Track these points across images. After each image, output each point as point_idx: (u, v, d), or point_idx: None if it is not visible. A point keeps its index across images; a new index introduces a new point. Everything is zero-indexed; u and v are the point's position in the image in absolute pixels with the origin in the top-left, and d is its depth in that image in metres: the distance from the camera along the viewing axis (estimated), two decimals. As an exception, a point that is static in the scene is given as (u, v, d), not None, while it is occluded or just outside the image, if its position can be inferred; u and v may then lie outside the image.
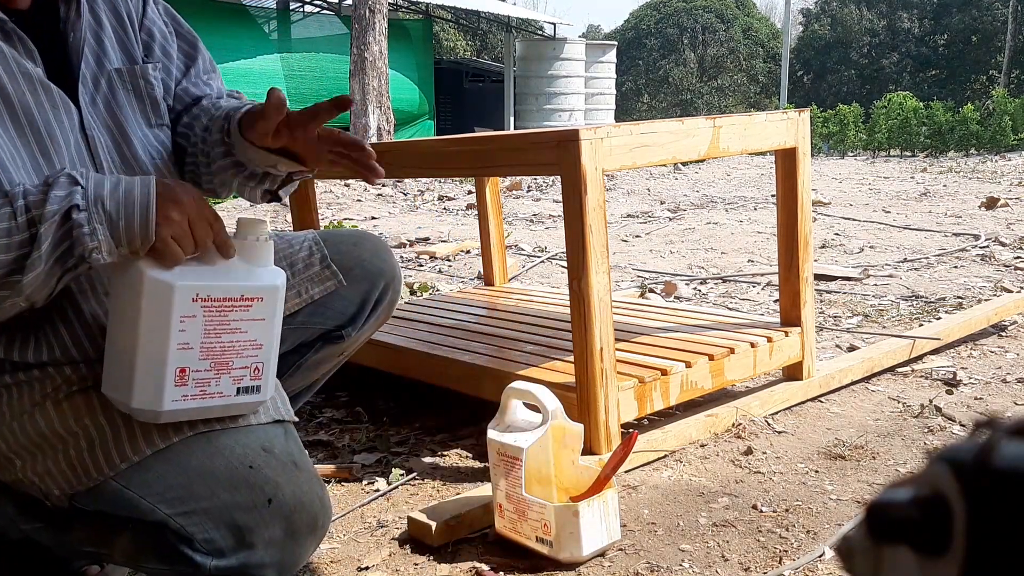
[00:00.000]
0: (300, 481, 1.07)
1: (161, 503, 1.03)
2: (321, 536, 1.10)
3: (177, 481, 1.03)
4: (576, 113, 13.83)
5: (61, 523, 1.11)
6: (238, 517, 1.03)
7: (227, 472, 1.03)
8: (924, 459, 1.66)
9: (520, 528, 1.34)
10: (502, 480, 1.34)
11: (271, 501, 1.04)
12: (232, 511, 1.03)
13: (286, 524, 1.05)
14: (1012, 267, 3.53)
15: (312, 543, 1.09)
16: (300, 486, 1.06)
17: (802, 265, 1.95)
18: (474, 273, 3.84)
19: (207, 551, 1.03)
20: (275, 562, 1.06)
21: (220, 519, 1.03)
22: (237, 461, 1.04)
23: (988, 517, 0.27)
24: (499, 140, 1.83)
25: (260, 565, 1.05)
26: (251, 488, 1.03)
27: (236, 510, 1.03)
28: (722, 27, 24.65)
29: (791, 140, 1.88)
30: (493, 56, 20.30)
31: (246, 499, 1.03)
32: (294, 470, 1.07)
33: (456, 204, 6.49)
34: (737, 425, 1.83)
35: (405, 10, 14.76)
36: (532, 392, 1.39)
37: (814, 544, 1.35)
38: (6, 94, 1.01)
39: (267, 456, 1.06)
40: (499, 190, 2.73)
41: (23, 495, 1.11)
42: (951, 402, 1.96)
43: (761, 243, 4.34)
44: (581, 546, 1.30)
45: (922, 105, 12.27)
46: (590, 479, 1.38)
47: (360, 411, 2.07)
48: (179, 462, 1.04)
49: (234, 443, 1.05)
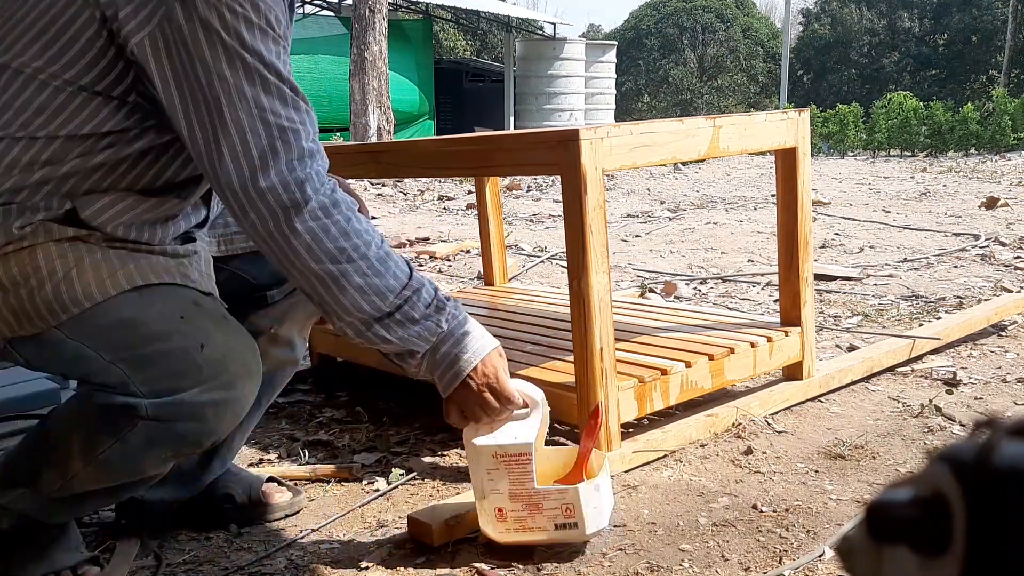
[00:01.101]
0: (230, 330, 1.17)
1: (102, 350, 1.10)
2: (256, 381, 1.18)
3: (115, 329, 1.10)
4: (576, 113, 13.83)
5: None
6: (173, 362, 1.11)
7: (161, 320, 1.12)
8: (924, 459, 1.66)
9: (532, 524, 1.34)
10: (503, 482, 1.34)
11: (203, 346, 1.12)
12: (168, 356, 1.11)
13: (220, 368, 1.12)
14: (1012, 267, 3.53)
15: (247, 387, 1.16)
16: (230, 334, 1.16)
17: (802, 265, 1.95)
18: (474, 273, 3.84)
19: (143, 393, 1.09)
20: (212, 402, 1.13)
21: (156, 363, 1.11)
22: (170, 311, 1.13)
23: (988, 517, 0.27)
24: (499, 140, 1.83)
25: (197, 405, 1.12)
26: (184, 335, 1.12)
27: (171, 355, 1.11)
28: (722, 27, 24.65)
29: (791, 140, 1.88)
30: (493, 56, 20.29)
31: (179, 344, 1.11)
32: (224, 322, 1.17)
33: (456, 204, 6.49)
34: (737, 425, 1.83)
35: (405, 10, 14.76)
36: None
37: (814, 544, 1.35)
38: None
39: (198, 308, 1.15)
40: (499, 190, 2.73)
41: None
42: (951, 402, 1.96)
43: (761, 243, 4.34)
44: (604, 517, 1.34)
45: (922, 105, 12.27)
46: (565, 460, 1.42)
47: (360, 411, 2.07)
48: (116, 313, 1.11)
49: (167, 296, 1.14)
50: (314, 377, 2.35)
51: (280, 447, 1.88)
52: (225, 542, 1.45)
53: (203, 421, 1.13)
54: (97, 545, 1.44)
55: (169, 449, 1.15)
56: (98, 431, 1.13)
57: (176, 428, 1.12)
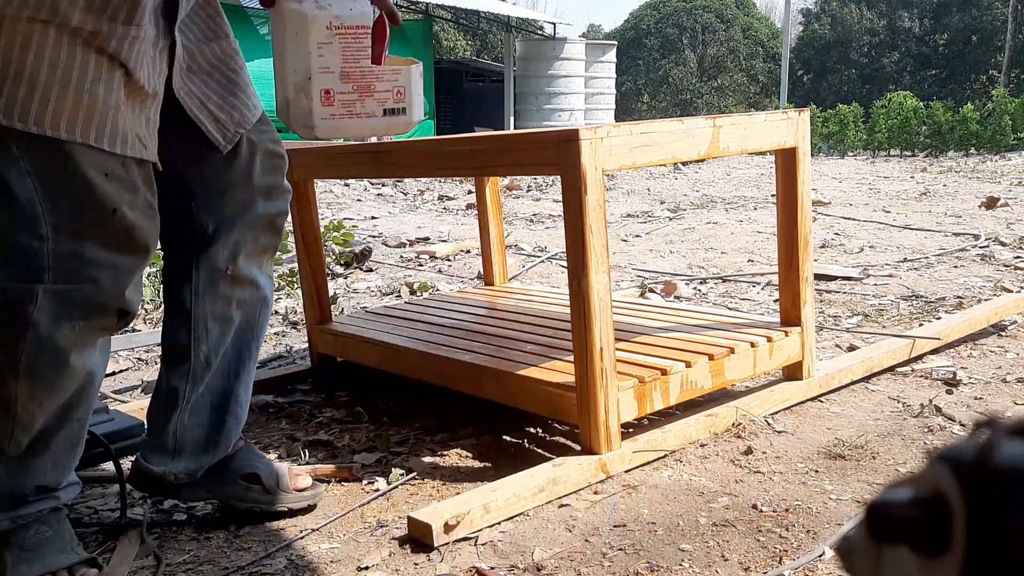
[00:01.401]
0: (139, 204, 1.22)
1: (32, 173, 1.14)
2: (148, 259, 1.25)
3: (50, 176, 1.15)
4: (576, 113, 13.83)
5: None
6: (87, 215, 1.17)
7: (84, 178, 1.17)
8: (924, 459, 1.66)
9: (361, 108, 1.25)
10: (335, 59, 1.22)
11: (115, 211, 1.19)
12: (83, 209, 1.17)
13: (125, 236, 1.20)
14: (1012, 267, 3.53)
15: (142, 263, 1.24)
16: (142, 209, 1.22)
17: (802, 265, 1.95)
18: (474, 273, 3.84)
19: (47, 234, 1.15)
20: (110, 263, 1.19)
21: (69, 212, 1.16)
22: (98, 168, 1.18)
23: (988, 517, 0.27)
24: (499, 140, 1.83)
25: (94, 263, 1.18)
26: (104, 193, 1.18)
27: (87, 206, 1.17)
28: (722, 27, 24.65)
29: (791, 140, 1.88)
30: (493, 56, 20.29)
31: (97, 197, 1.17)
32: (136, 192, 1.22)
33: (456, 204, 6.49)
34: (737, 425, 1.83)
35: (405, 10, 14.76)
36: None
37: (814, 544, 1.35)
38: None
39: (124, 170, 1.20)
40: (499, 190, 2.73)
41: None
42: (951, 402, 1.96)
43: (761, 243, 4.34)
44: (421, 107, 1.30)
45: (922, 105, 12.28)
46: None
47: (360, 411, 2.07)
48: (54, 158, 1.15)
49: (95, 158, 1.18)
50: (314, 377, 2.35)
51: (280, 447, 1.88)
52: (225, 542, 1.45)
53: (98, 284, 1.18)
54: (97, 545, 1.44)
55: (79, 317, 1.19)
56: (7, 330, 1.17)
57: (74, 293, 1.17)
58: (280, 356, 2.64)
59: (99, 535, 1.48)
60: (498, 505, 1.45)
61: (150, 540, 1.45)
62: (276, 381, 2.31)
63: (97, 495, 1.66)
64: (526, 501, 1.49)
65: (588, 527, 1.44)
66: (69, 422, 1.27)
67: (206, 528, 1.50)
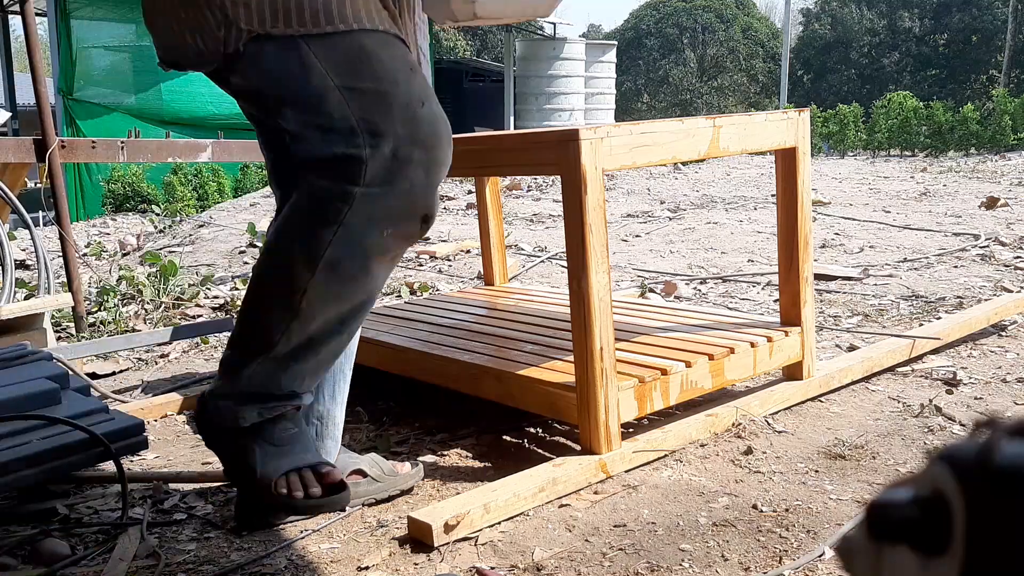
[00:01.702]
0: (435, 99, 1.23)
1: (334, 73, 1.14)
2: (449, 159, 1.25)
3: (354, 57, 1.15)
4: (576, 113, 13.82)
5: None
6: (396, 108, 1.16)
7: (393, 64, 1.17)
8: (924, 459, 1.66)
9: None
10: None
11: (423, 104, 1.18)
12: (392, 100, 1.16)
13: (432, 129, 1.19)
14: (1012, 267, 3.53)
15: (448, 155, 1.23)
16: (436, 103, 1.23)
17: (802, 265, 1.95)
18: (474, 273, 3.84)
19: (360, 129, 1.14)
20: (422, 161, 1.19)
21: (380, 103, 1.15)
22: (400, 62, 1.18)
23: (988, 517, 0.27)
24: (499, 140, 1.83)
25: (409, 163, 1.17)
26: (409, 86, 1.17)
27: (396, 100, 1.16)
28: (722, 27, 24.64)
29: (791, 140, 1.88)
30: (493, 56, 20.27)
31: (404, 92, 1.16)
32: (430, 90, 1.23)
33: (456, 204, 6.49)
34: (737, 425, 1.83)
35: (405, 10, 14.74)
36: None
37: (814, 544, 1.35)
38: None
39: (416, 70, 1.21)
40: (499, 190, 2.73)
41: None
42: (951, 402, 1.96)
43: (761, 243, 4.34)
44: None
45: (922, 105, 12.27)
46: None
47: (360, 411, 2.07)
48: (357, 41, 1.16)
49: (399, 47, 1.19)
50: (314, 377, 2.35)
51: (280, 447, 1.88)
52: (225, 542, 1.45)
53: (413, 185, 1.17)
54: (97, 545, 1.44)
55: (388, 224, 1.18)
56: (317, 223, 1.16)
57: (390, 197, 1.16)
58: (280, 356, 2.64)
59: (99, 535, 1.48)
60: (498, 505, 1.45)
61: (150, 540, 1.45)
62: (276, 381, 2.31)
63: (97, 495, 1.66)
64: (526, 501, 1.50)
65: (588, 527, 1.44)
66: (340, 334, 1.27)
67: (206, 528, 1.50)
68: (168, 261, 3.48)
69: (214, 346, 2.80)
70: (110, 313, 3.07)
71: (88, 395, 1.86)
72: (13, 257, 2.70)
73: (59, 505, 1.59)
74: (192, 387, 2.36)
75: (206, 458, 1.85)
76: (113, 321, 3.01)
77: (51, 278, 2.76)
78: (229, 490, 1.66)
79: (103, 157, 3.19)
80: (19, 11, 3.00)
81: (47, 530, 1.50)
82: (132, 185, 8.69)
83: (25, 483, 1.51)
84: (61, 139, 3.00)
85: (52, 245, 3.89)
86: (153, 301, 3.24)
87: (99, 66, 10.15)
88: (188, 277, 3.84)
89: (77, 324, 2.93)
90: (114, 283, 3.45)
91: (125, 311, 3.18)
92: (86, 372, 2.43)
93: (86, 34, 9.90)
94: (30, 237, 2.80)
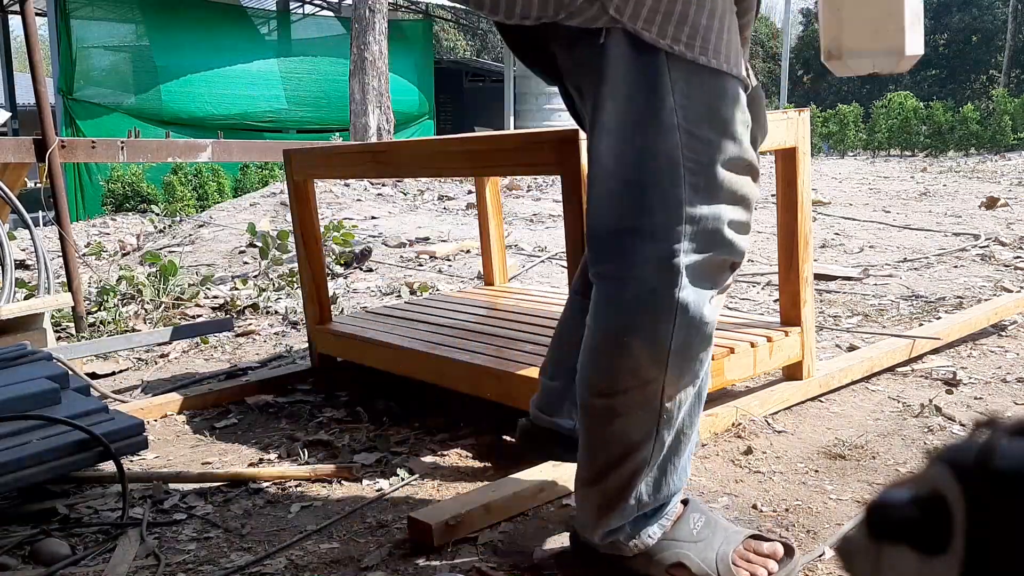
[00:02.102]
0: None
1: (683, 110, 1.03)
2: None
3: (710, 104, 1.04)
4: (576, 113, 13.80)
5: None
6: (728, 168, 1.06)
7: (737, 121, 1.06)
8: (924, 459, 1.66)
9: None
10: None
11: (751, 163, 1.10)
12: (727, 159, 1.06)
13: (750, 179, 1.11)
14: (1012, 267, 3.53)
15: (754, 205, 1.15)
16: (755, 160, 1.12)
17: (802, 265, 1.95)
18: (474, 273, 3.84)
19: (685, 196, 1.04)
20: (738, 217, 1.11)
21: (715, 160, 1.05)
22: (742, 116, 1.07)
23: (988, 517, 0.27)
24: (499, 140, 1.83)
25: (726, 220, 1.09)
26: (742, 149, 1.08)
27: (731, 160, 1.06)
28: (722, 27, 24.62)
29: (791, 140, 1.88)
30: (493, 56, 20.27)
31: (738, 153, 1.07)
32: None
33: (456, 204, 6.49)
34: (737, 425, 1.83)
35: (405, 10, 14.75)
36: None
37: (814, 544, 1.35)
38: None
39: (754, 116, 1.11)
40: (499, 190, 2.73)
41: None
42: (951, 402, 1.96)
43: (761, 243, 4.34)
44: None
45: (922, 105, 12.27)
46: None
47: (360, 411, 2.07)
48: (720, 90, 1.05)
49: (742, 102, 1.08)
50: (314, 377, 2.35)
51: (280, 447, 1.88)
52: (225, 542, 1.45)
53: (732, 243, 1.08)
54: (97, 545, 1.44)
55: (714, 285, 1.08)
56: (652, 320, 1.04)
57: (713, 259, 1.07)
58: (280, 356, 2.65)
59: (99, 535, 1.48)
60: (498, 505, 1.45)
61: (150, 540, 1.45)
62: (276, 381, 2.31)
63: (97, 495, 1.66)
64: (526, 501, 1.49)
65: (588, 527, 1.43)
66: (700, 401, 1.16)
67: (206, 528, 1.50)
68: (168, 261, 3.48)
69: (214, 346, 2.80)
70: (110, 313, 3.07)
71: (88, 395, 1.86)
72: (13, 257, 2.70)
73: (59, 505, 1.59)
74: (192, 387, 2.36)
75: (206, 458, 1.85)
76: (113, 321, 3.01)
77: (51, 278, 2.76)
78: (229, 490, 1.66)
79: (103, 157, 3.20)
80: (19, 11, 3.00)
81: (47, 530, 1.50)
82: (132, 185, 8.69)
83: (25, 483, 1.51)
84: (61, 139, 3.00)
85: (52, 245, 3.89)
86: (153, 301, 3.24)
87: (99, 66, 10.16)
88: (188, 277, 3.84)
89: (77, 324, 2.93)
90: (114, 283, 3.45)
91: (125, 311, 3.18)
92: (86, 372, 2.43)
93: (86, 34, 9.91)
94: (30, 237, 2.80)
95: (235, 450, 1.89)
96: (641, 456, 1.11)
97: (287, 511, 1.56)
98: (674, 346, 1.06)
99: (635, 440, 1.10)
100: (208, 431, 2.03)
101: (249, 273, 4.00)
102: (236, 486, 1.67)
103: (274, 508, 1.58)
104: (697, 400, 1.15)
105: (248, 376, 2.41)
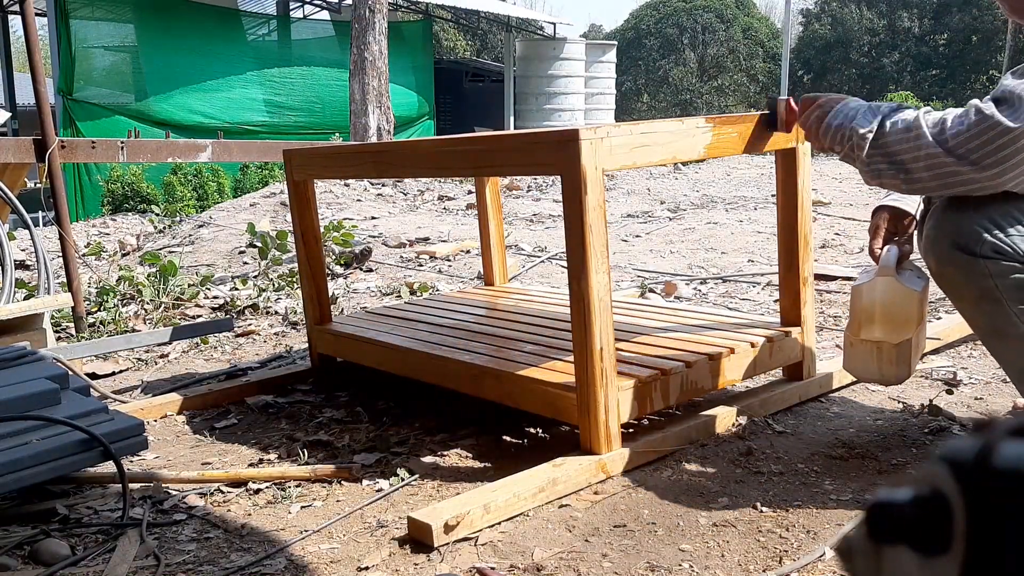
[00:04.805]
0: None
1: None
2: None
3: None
4: (576, 113, 13.82)
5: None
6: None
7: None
8: (924, 459, 1.66)
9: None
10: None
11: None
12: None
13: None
14: (1012, 267, 3.52)
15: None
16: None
17: (802, 265, 1.95)
18: (474, 273, 3.84)
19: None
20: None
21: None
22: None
23: (988, 517, 0.27)
24: (499, 140, 1.82)
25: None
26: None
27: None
28: (722, 27, 24.62)
29: (791, 140, 1.88)
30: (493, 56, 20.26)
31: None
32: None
33: (456, 204, 6.49)
34: (737, 425, 1.83)
35: (405, 10, 14.74)
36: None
37: (814, 544, 1.35)
38: None
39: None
40: (499, 190, 2.73)
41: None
42: (951, 402, 1.96)
43: (761, 243, 4.34)
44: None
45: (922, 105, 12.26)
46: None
47: (360, 411, 2.07)
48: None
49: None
50: (314, 377, 2.35)
51: (280, 447, 1.88)
52: (225, 542, 1.45)
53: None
54: (97, 545, 1.44)
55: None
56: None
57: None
58: (280, 356, 2.65)
59: (99, 535, 1.48)
60: (498, 505, 1.45)
61: (150, 540, 1.45)
62: (276, 381, 2.31)
63: (97, 495, 1.66)
64: (526, 501, 1.49)
65: (588, 527, 1.43)
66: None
67: (206, 528, 1.50)
68: (168, 261, 3.48)
69: (214, 346, 2.80)
70: (110, 313, 3.07)
71: (88, 395, 1.86)
72: (13, 257, 2.70)
73: (59, 505, 1.59)
74: (191, 387, 2.36)
75: (206, 458, 1.85)
76: (113, 321, 3.01)
77: (51, 278, 2.75)
78: (229, 490, 1.66)
79: (103, 157, 3.20)
80: (19, 11, 3.00)
81: (47, 530, 1.50)
82: (132, 185, 8.69)
83: (25, 483, 1.51)
84: (61, 139, 3.00)
85: (52, 245, 3.89)
86: (153, 301, 3.24)
87: (99, 66, 10.15)
88: (188, 277, 3.83)
89: (77, 324, 2.93)
90: (114, 283, 3.45)
91: (125, 311, 3.18)
92: (86, 372, 2.43)
93: (86, 34, 9.90)
94: (30, 237, 2.80)
95: (235, 450, 1.89)
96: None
97: (287, 511, 1.56)
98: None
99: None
100: (208, 431, 2.03)
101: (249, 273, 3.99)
102: (236, 486, 1.67)
103: (274, 508, 1.58)
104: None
105: (248, 376, 2.41)
